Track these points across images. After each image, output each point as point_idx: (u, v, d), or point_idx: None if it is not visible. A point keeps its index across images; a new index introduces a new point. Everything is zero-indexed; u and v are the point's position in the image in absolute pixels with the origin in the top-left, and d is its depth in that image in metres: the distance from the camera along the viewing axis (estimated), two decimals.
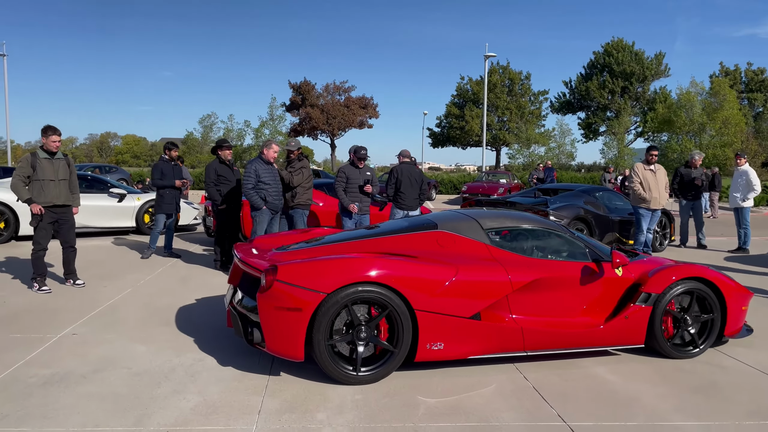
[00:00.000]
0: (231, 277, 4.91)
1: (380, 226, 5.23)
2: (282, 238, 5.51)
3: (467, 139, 49.74)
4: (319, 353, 4.00)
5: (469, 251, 4.57)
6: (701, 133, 30.20)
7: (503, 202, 9.24)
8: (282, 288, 3.98)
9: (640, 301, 4.66)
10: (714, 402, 3.90)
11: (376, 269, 4.04)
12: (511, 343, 4.40)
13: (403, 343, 4.11)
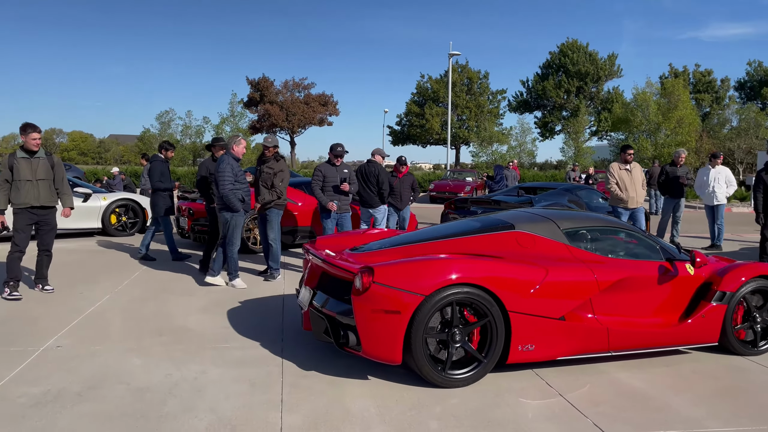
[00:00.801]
0: (308, 279, 4.74)
1: (449, 226, 5.15)
2: (344, 239, 5.42)
3: (427, 138, 49.90)
4: (417, 356, 3.91)
5: (550, 252, 4.54)
6: (657, 132, 31.04)
7: (489, 201, 9.16)
8: (380, 290, 3.89)
9: (715, 299, 4.72)
10: (744, 407, 3.84)
11: (472, 271, 4.00)
12: (597, 343, 4.39)
13: (497, 346, 4.09)
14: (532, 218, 4.86)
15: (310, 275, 4.75)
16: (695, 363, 4.70)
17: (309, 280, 4.74)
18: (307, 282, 4.74)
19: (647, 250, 4.91)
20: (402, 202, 9.60)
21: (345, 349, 4.12)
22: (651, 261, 4.77)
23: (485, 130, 37.65)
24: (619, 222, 5.19)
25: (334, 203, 7.63)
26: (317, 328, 4.31)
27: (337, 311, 4.19)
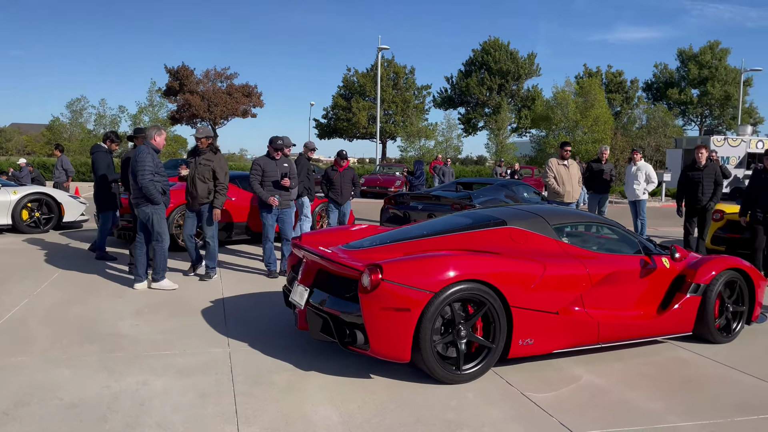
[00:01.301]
0: (303, 277, 4.58)
1: (438, 222, 5.16)
2: (329, 235, 5.34)
3: (354, 131, 49.71)
4: (426, 354, 3.89)
5: (543, 247, 4.61)
6: (575, 130, 32.34)
7: (429, 197, 9.13)
8: (389, 288, 3.82)
9: (690, 291, 4.97)
10: (700, 400, 3.94)
11: (479, 267, 4.05)
12: (589, 336, 4.51)
13: (500, 340, 4.12)
14: (522, 214, 4.92)
15: (306, 273, 4.58)
16: (644, 356, 4.80)
17: (304, 278, 4.57)
18: (302, 280, 4.57)
19: (628, 244, 5.12)
20: (342, 197, 9.40)
21: (350, 348, 4.04)
22: (633, 255, 4.96)
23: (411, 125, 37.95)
24: (599, 217, 5.36)
25: (275, 198, 7.32)
26: (314, 327, 4.21)
27: (341, 310, 4.08)
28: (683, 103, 53.85)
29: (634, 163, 11.35)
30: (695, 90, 54.30)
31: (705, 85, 53.06)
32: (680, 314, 4.95)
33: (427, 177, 22.16)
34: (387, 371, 4.26)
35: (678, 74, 55.89)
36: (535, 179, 24.30)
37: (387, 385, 4.03)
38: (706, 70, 53.39)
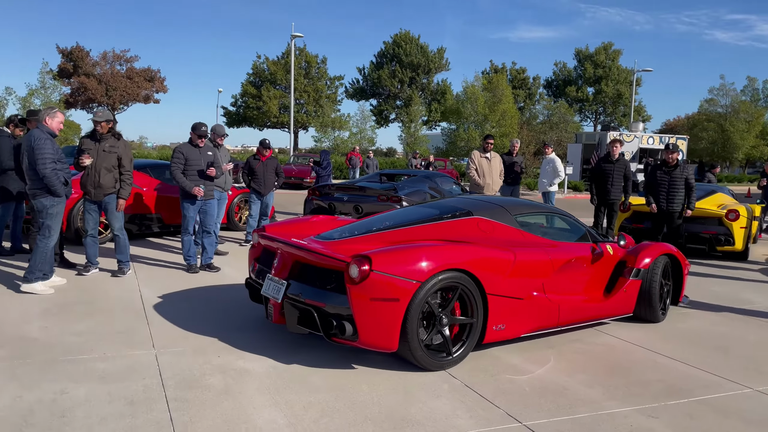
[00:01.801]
0: (278, 270, 4.44)
1: (407, 213, 5.22)
2: (294, 226, 5.27)
3: (264, 120, 48.56)
4: (413, 342, 3.97)
5: (508, 236, 4.81)
6: (484, 124, 33.29)
7: (355, 188, 9.00)
8: (379, 278, 3.84)
9: (632, 275, 5.39)
10: (634, 385, 4.07)
11: (460, 256, 4.16)
12: (551, 319, 4.76)
13: (478, 327, 4.29)
14: (485, 205, 5.11)
15: (281, 265, 4.45)
16: (574, 343, 4.94)
17: (279, 271, 4.44)
18: (277, 273, 4.43)
19: (578, 233, 5.46)
20: (265, 188, 9.07)
21: (335, 340, 4.03)
22: (584, 243, 5.31)
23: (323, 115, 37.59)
24: (552, 207, 5.66)
25: (200, 188, 6.91)
26: (292, 320, 4.21)
27: (326, 301, 4.05)
28: (580, 100, 56.94)
29: (545, 156, 11.81)
30: (591, 88, 57.54)
31: (600, 83, 56.35)
32: (625, 297, 5.37)
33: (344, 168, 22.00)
34: (329, 370, 4.13)
35: (576, 73, 58.98)
36: (448, 171, 24.78)
37: (331, 384, 3.89)
38: (600, 70, 56.69)
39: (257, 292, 4.71)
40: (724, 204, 9.98)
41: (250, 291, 4.92)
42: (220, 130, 8.11)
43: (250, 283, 4.91)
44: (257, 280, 4.76)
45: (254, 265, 4.96)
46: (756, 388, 4.06)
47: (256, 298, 4.82)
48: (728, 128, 41.88)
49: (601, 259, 5.28)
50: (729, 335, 5.34)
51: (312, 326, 4.15)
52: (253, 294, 4.88)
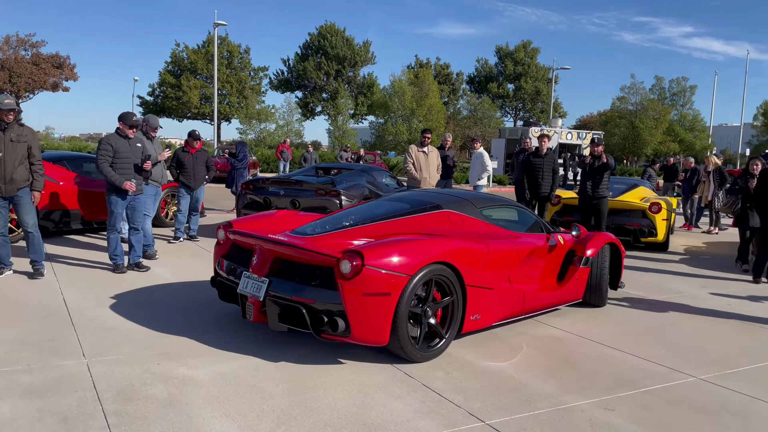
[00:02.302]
0: (258, 266, 4.30)
1: (377, 206, 5.23)
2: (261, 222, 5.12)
3: (184, 111, 46.78)
4: (402, 335, 4.01)
5: (476, 229, 4.98)
6: (411, 118, 33.52)
7: (291, 182, 8.71)
8: (371, 273, 3.84)
9: (583, 264, 5.64)
10: (585, 377, 4.13)
11: (445, 250, 4.23)
12: (517, 308, 4.96)
13: (458, 318, 4.39)
14: (452, 199, 5.23)
15: (260, 262, 4.31)
16: (520, 336, 4.96)
17: (258, 268, 4.30)
18: (257, 270, 4.29)
19: (534, 224, 5.68)
20: (196, 181, 8.64)
21: (324, 336, 3.99)
22: (541, 234, 5.54)
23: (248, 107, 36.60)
24: (508, 200, 5.88)
25: (132, 183, 6.45)
26: (274, 318, 4.12)
27: (315, 298, 4.00)
28: (501, 97, 58.53)
29: (474, 151, 11.97)
30: (511, 85, 59.24)
31: (519, 80, 58.12)
32: (577, 284, 5.66)
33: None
34: (280, 373, 3.93)
35: (497, 69, 60.54)
36: (378, 164, 24.73)
37: (284, 389, 3.70)
38: (520, 67, 58.44)
39: (229, 291, 4.59)
40: (647, 197, 10.45)
41: (219, 290, 4.74)
42: (155, 122, 7.64)
43: (222, 281, 4.71)
44: (230, 278, 4.59)
45: (221, 263, 4.79)
46: (699, 377, 4.21)
47: (227, 297, 4.67)
48: (638, 125, 44.26)
49: (555, 248, 5.53)
50: (664, 324, 5.54)
51: (296, 323, 4.08)
52: (223, 293, 4.71)
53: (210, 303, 5.44)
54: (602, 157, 8.93)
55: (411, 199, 5.30)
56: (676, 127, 47.04)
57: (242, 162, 11.92)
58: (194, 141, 8.59)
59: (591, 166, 8.97)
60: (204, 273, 6.70)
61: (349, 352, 4.36)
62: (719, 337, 5.19)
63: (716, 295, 6.88)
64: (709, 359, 4.60)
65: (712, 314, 5.97)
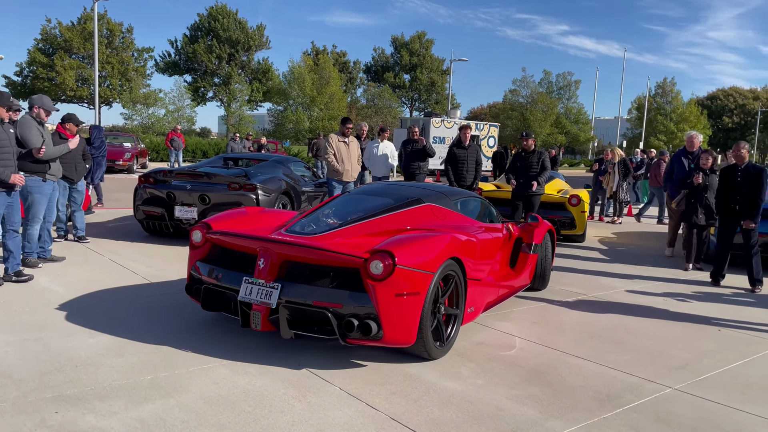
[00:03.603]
0: (265, 272, 3.94)
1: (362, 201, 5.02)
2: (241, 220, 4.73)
3: (59, 94, 42.62)
4: (427, 334, 3.95)
5: (458, 222, 4.97)
6: (312, 106, 32.58)
7: (199, 174, 7.73)
8: (403, 273, 3.72)
9: (532, 250, 5.88)
10: (561, 396, 3.73)
11: (456, 245, 4.22)
12: (494, 296, 5.08)
13: (462, 309, 4.37)
14: (429, 193, 5.20)
15: (268, 266, 3.96)
16: (480, 347, 4.51)
17: (266, 272, 3.95)
18: (263, 274, 3.95)
19: (493, 215, 5.77)
20: (76, 173, 7.46)
21: (351, 341, 3.78)
22: (501, 223, 5.70)
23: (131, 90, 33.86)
24: (469, 192, 5.93)
25: (21, 176, 5.33)
26: (285, 324, 3.85)
27: (343, 302, 3.76)
28: (398, 87, 58.77)
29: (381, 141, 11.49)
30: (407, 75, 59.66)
31: (415, 71, 58.64)
32: (530, 270, 5.89)
33: None
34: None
35: (393, 59, 60.69)
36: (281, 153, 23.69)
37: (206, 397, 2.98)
38: (415, 58, 58.95)
39: (219, 299, 4.22)
40: (563, 189, 10.49)
41: (205, 298, 4.24)
42: (49, 104, 6.38)
43: (210, 289, 4.21)
44: (223, 285, 4.14)
45: (196, 268, 4.40)
46: (674, 387, 3.95)
47: (215, 305, 4.27)
48: (529, 117, 46.08)
49: (511, 237, 5.73)
50: (615, 326, 5.33)
51: (311, 329, 3.89)
52: (211, 301, 4.26)
53: (113, 322, 4.54)
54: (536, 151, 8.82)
55: (387, 193, 5.18)
56: (562, 119, 49.48)
57: (99, 149, 10.36)
58: (74, 126, 7.37)
59: (524, 159, 8.81)
60: (101, 281, 5.69)
61: (297, 384, 3.70)
62: (672, 339, 5.04)
63: (648, 291, 6.86)
64: (673, 365, 4.38)
65: (654, 313, 5.87)
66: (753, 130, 62.41)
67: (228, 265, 4.27)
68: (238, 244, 4.25)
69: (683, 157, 8.67)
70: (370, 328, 3.69)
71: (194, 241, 4.49)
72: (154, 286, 5.77)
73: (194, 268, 4.45)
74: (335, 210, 4.90)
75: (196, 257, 4.48)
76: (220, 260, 4.37)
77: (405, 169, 10.10)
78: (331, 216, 4.73)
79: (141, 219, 8.01)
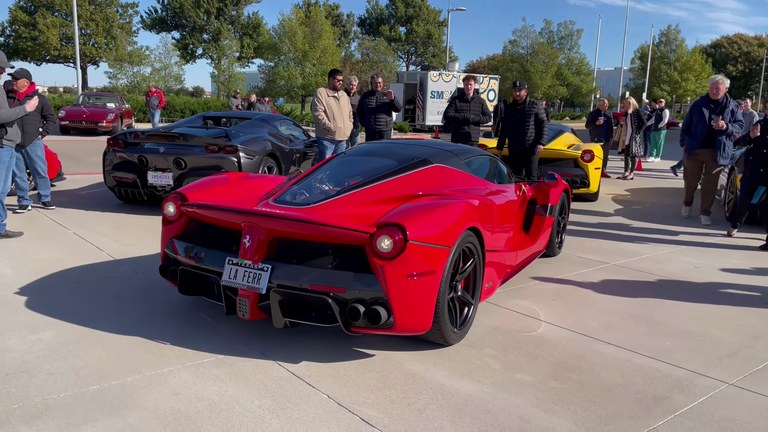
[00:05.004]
0: (252, 251, 3.32)
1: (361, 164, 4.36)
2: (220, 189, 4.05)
3: (42, 53, 41.24)
4: (443, 318, 3.37)
5: (469, 184, 4.37)
6: (304, 61, 31.36)
7: (174, 135, 6.95)
8: (416, 249, 3.14)
9: (548, 213, 5.33)
10: (598, 401, 3.08)
11: (474, 213, 3.62)
12: (510, 267, 4.51)
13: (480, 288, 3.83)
14: (437, 152, 4.51)
15: (255, 244, 3.32)
16: (492, 333, 3.86)
17: (253, 251, 3.31)
18: (249, 254, 3.31)
19: (503, 174, 5.15)
20: (26, 137, 6.68)
21: (356, 330, 3.21)
22: (513, 184, 5.15)
23: (117, 48, 32.50)
24: (479, 150, 5.16)
25: None
26: (278, 312, 3.23)
27: (346, 285, 3.14)
28: (393, 40, 57.10)
29: None
30: (403, 27, 57.91)
31: (411, 23, 56.89)
32: (546, 235, 5.34)
33: None
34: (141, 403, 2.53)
35: (388, 11, 58.82)
36: (273, 111, 22.72)
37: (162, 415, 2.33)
38: (411, 9, 57.11)
39: (199, 282, 3.60)
40: (574, 144, 9.73)
41: (183, 282, 3.61)
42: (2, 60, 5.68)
43: (188, 271, 3.59)
44: (202, 267, 3.52)
45: (172, 246, 3.75)
46: (730, 382, 3.30)
47: (195, 289, 3.64)
48: (529, 68, 44.74)
49: (525, 199, 5.24)
50: (647, 302, 4.66)
51: (308, 316, 3.30)
52: (189, 285, 3.63)
53: (64, 313, 3.86)
54: (528, 102, 8.07)
55: (388, 152, 4.50)
56: (564, 70, 48.15)
57: None
58: (24, 81, 6.55)
59: (516, 113, 8.07)
60: (60, 261, 5.00)
61: (277, 392, 3.04)
62: (714, 317, 4.38)
63: (677, 257, 6.18)
64: (723, 352, 3.73)
65: (688, 285, 5.19)
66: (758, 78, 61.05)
67: (208, 243, 3.63)
68: (219, 218, 3.58)
69: (704, 107, 7.76)
70: (379, 315, 3.13)
71: (167, 215, 3.83)
72: (122, 264, 5.08)
73: (169, 246, 3.80)
74: (330, 174, 4.25)
75: (170, 233, 3.83)
76: (199, 237, 3.72)
77: (368, 126, 9.05)
78: (327, 182, 4.11)
79: (112, 186, 7.27)
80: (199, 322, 3.81)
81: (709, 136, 7.54)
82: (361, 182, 3.94)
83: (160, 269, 3.77)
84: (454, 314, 3.58)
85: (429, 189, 4.01)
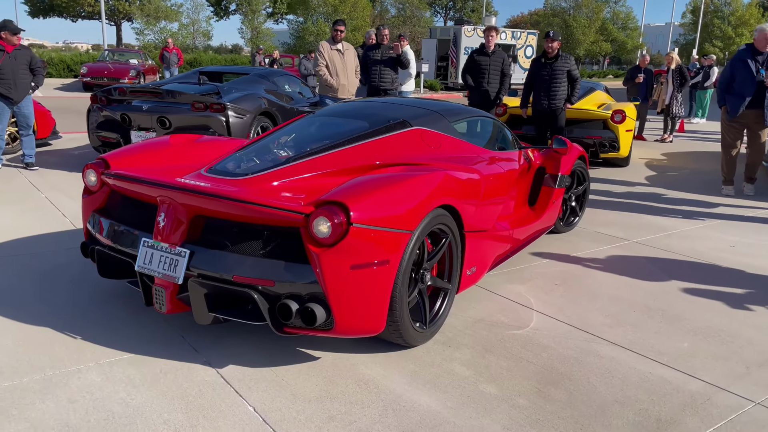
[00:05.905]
0: (166, 231, 2.76)
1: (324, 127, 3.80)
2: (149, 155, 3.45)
3: (77, 10, 41.06)
4: (403, 316, 2.78)
5: (456, 151, 3.75)
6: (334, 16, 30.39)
7: (159, 92, 6.45)
8: (362, 234, 2.53)
9: (558, 183, 4.64)
10: (584, 423, 2.51)
11: (447, 188, 3.02)
12: (506, 246, 3.94)
13: (457, 276, 3.26)
14: (418, 112, 3.86)
15: (171, 223, 2.78)
16: (476, 325, 3.29)
17: (168, 233, 2.78)
18: (164, 236, 2.78)
19: (507, 138, 4.48)
20: (17, 91, 6.29)
21: (289, 331, 2.66)
22: (515, 150, 4.41)
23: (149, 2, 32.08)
24: (476, 110, 4.52)
25: None
26: (200, 306, 2.69)
27: (275, 277, 2.57)
28: None
29: None
30: None
31: None
32: (553, 208, 4.66)
33: None
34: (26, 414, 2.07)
35: None
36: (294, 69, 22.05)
37: None
38: None
39: (117, 265, 3.10)
40: (605, 103, 8.85)
41: (100, 263, 3.15)
42: None
43: (103, 252, 3.09)
44: (117, 248, 3.02)
45: (96, 221, 3.21)
46: (758, 401, 2.67)
47: (113, 272, 3.15)
48: (572, 23, 42.61)
49: (530, 167, 4.53)
50: (667, 289, 4.00)
51: (235, 312, 2.77)
52: (106, 267, 3.15)
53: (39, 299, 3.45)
54: (561, 57, 7.27)
55: (363, 113, 3.90)
56: (608, 25, 45.74)
57: None
58: (11, 35, 6.12)
59: (546, 67, 7.28)
60: (18, 227, 4.61)
61: (195, 400, 2.55)
62: (747, 311, 3.70)
63: (710, 234, 5.44)
64: (753, 357, 3.07)
65: (718, 271, 4.47)
66: None
67: (127, 221, 3.10)
68: (135, 190, 3.04)
69: (749, 59, 6.69)
70: (315, 315, 2.56)
71: (88, 185, 3.31)
72: (78, 235, 4.65)
73: (91, 220, 3.30)
74: (289, 138, 3.68)
75: (91, 206, 3.32)
76: (121, 212, 3.19)
77: (371, 83, 7.95)
78: (285, 147, 3.53)
79: (96, 147, 6.85)
80: (135, 310, 3.33)
81: (757, 95, 6.60)
82: (322, 147, 3.32)
83: (81, 247, 3.27)
84: (423, 309, 3.00)
85: (403, 157, 3.38)
